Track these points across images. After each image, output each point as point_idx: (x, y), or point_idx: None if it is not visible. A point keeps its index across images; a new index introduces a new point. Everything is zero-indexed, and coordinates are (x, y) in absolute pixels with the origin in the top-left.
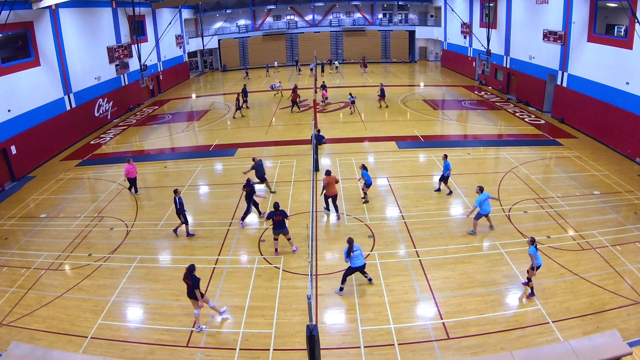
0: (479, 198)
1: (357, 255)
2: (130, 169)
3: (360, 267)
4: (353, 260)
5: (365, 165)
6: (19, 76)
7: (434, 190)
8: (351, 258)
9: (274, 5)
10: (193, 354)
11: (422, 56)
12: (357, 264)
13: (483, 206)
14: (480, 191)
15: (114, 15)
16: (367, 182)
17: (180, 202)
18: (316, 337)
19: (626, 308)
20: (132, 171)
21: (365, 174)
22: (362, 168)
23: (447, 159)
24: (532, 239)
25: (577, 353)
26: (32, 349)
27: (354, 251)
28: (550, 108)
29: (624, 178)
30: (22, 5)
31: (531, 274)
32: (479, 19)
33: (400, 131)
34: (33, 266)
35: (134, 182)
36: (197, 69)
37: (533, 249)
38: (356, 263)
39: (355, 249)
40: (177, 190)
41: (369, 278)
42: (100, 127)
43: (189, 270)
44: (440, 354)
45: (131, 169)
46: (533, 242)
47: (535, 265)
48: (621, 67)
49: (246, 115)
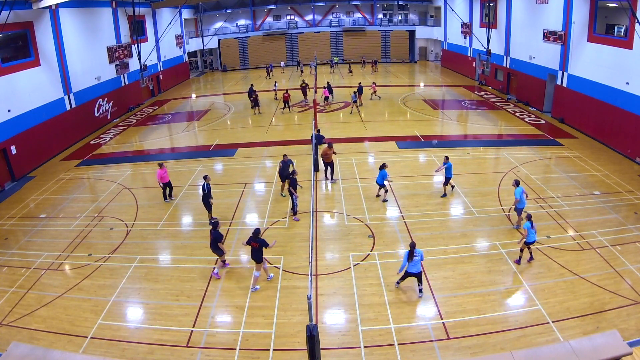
0: (517, 191)
1: (417, 261)
2: (162, 173)
3: (417, 273)
4: (411, 266)
5: (384, 165)
6: (19, 76)
7: (441, 197)
8: (411, 262)
9: (274, 5)
10: (193, 354)
11: (422, 56)
12: (414, 270)
13: (522, 199)
14: (517, 185)
15: (114, 15)
16: (377, 181)
17: (208, 188)
18: (316, 337)
19: (626, 308)
20: (164, 176)
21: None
22: (382, 168)
23: (448, 160)
24: (528, 214)
25: (577, 353)
26: (32, 349)
27: (415, 256)
28: (550, 108)
29: (624, 178)
30: (22, 5)
31: (521, 245)
32: (479, 19)
33: (400, 131)
34: (33, 266)
35: (169, 185)
36: (197, 69)
37: (528, 224)
38: (413, 269)
39: (416, 254)
40: (206, 177)
41: (420, 289)
42: (100, 127)
43: (254, 233)
44: (440, 354)
45: (164, 174)
46: (529, 218)
47: (527, 240)
48: (621, 67)
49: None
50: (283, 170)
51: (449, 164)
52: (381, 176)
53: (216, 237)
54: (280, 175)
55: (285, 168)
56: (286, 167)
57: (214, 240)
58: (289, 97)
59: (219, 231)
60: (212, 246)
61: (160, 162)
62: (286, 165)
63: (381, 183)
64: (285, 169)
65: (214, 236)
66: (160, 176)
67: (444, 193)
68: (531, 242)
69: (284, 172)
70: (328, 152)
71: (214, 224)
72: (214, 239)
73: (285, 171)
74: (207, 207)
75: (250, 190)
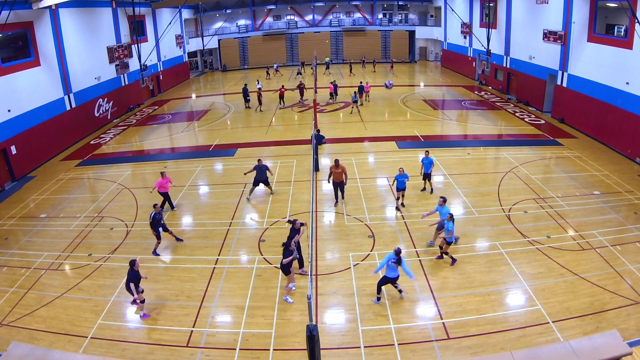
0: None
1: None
2: (163, 182)
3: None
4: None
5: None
6: (19, 76)
7: (421, 190)
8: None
9: (274, 5)
10: (193, 354)
11: (422, 56)
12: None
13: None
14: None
15: (114, 15)
16: (398, 186)
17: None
18: (316, 337)
19: (626, 308)
20: (164, 185)
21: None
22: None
23: (429, 155)
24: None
25: (577, 353)
26: (32, 349)
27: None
28: (550, 108)
29: (624, 178)
30: (22, 5)
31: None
32: (479, 19)
33: (400, 131)
34: (33, 266)
35: (167, 197)
36: (197, 69)
37: (451, 224)
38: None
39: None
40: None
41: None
42: (100, 127)
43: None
44: (440, 354)
45: (164, 183)
46: (451, 218)
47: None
48: (621, 67)
49: (248, 114)
50: (259, 176)
51: (430, 159)
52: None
53: (130, 278)
54: (256, 180)
55: (261, 173)
56: (262, 172)
57: (127, 281)
58: (284, 92)
59: (137, 271)
60: (126, 285)
61: (163, 171)
62: (261, 170)
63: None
64: (262, 174)
65: (129, 276)
66: (159, 185)
67: (424, 187)
68: (451, 242)
69: (261, 177)
70: (335, 170)
71: (131, 263)
72: (128, 279)
73: (262, 176)
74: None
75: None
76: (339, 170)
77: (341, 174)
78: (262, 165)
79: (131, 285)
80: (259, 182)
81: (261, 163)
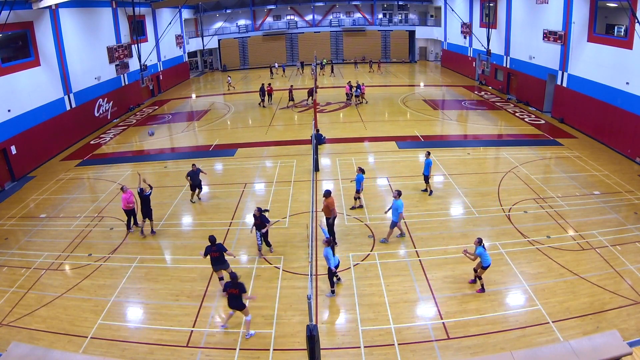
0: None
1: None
2: (126, 197)
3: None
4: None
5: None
6: (19, 76)
7: (422, 191)
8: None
9: (274, 5)
10: (193, 354)
11: (422, 56)
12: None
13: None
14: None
15: (114, 15)
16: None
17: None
18: (316, 337)
19: (626, 308)
20: (130, 200)
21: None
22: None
23: (429, 156)
24: (479, 239)
25: (577, 353)
26: (32, 349)
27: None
28: (550, 108)
29: (624, 178)
30: (22, 5)
31: (479, 268)
32: (479, 19)
33: (400, 131)
34: (33, 266)
35: (133, 214)
36: (197, 69)
37: (481, 249)
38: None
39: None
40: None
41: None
42: (100, 127)
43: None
44: (440, 354)
45: (127, 197)
46: (480, 243)
47: (483, 265)
48: (621, 67)
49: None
50: (194, 180)
51: (429, 161)
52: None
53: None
54: (192, 186)
55: (195, 178)
56: (196, 177)
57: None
58: (272, 90)
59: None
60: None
61: (122, 186)
62: (196, 175)
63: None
64: (196, 178)
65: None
66: (124, 201)
67: (425, 188)
68: (487, 266)
69: (195, 181)
70: (327, 202)
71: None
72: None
73: (196, 181)
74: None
75: (250, 191)
76: (324, 204)
77: (327, 207)
78: (197, 170)
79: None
80: (194, 187)
81: (195, 168)
